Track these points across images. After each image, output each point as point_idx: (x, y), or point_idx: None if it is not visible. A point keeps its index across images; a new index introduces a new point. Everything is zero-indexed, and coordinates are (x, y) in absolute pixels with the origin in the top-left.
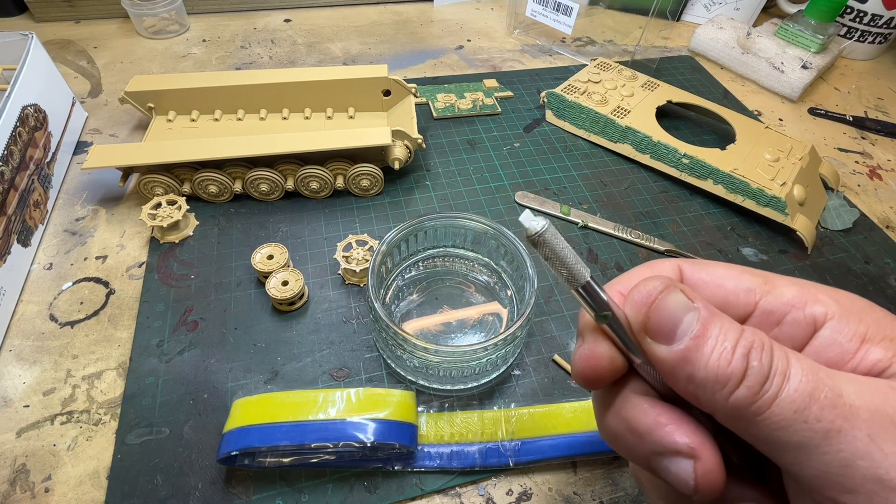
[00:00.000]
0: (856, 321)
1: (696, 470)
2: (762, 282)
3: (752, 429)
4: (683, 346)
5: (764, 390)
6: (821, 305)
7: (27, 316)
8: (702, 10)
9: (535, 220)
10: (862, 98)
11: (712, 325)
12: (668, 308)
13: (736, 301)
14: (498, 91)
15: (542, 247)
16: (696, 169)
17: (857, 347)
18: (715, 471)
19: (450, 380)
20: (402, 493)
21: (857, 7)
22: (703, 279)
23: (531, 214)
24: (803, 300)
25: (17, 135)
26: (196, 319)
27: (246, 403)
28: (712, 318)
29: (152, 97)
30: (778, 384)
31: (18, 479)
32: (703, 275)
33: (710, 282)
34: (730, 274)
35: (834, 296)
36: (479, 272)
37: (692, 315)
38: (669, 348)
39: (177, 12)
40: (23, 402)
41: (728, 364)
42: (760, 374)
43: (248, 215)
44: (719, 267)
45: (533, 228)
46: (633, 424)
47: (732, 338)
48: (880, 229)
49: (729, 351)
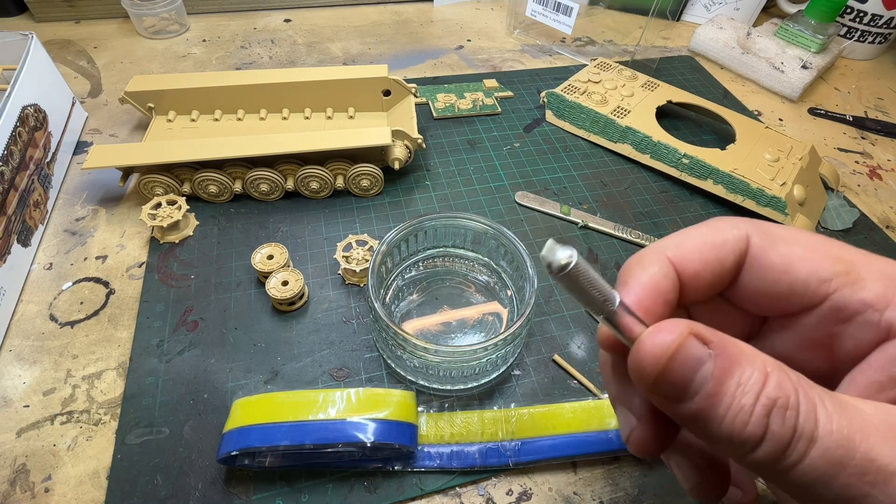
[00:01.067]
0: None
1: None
2: (843, 271)
3: (771, 478)
4: (695, 406)
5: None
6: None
7: (27, 316)
8: (702, 10)
9: (561, 250)
10: (862, 98)
11: (729, 380)
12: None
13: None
14: (498, 91)
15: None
16: (696, 169)
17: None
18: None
19: (450, 380)
20: (402, 493)
21: (857, 7)
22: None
23: (555, 244)
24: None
25: (17, 135)
26: (196, 319)
27: (246, 403)
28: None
29: (152, 97)
30: (801, 450)
31: (18, 479)
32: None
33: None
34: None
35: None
36: (479, 272)
37: (706, 368)
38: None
39: (177, 12)
40: (23, 402)
41: (744, 426)
42: (782, 440)
43: (248, 215)
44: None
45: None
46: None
47: (753, 392)
48: (880, 229)
49: (747, 411)
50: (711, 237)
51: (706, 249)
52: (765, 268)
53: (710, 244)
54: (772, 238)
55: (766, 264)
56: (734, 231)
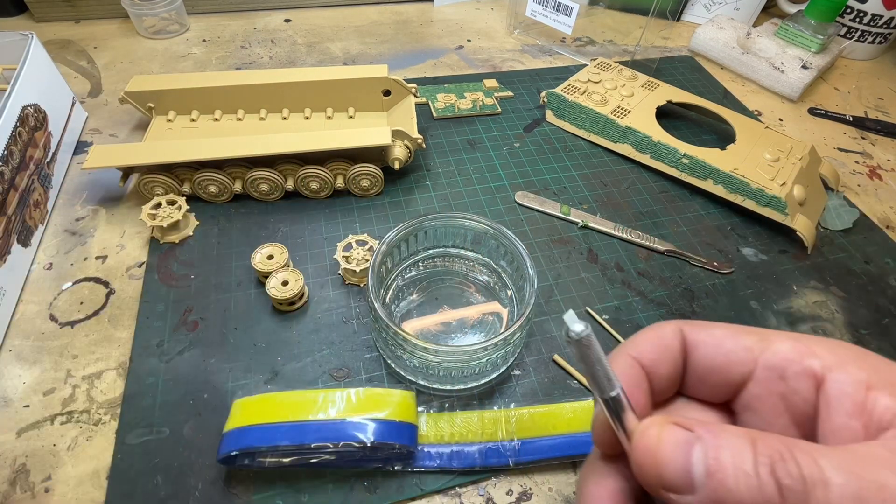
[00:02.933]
0: (854, 369)
1: None
2: (758, 339)
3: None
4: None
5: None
6: (817, 359)
7: (27, 316)
8: (702, 10)
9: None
10: (862, 98)
11: (722, 451)
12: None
13: (737, 359)
14: (498, 91)
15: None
16: (696, 169)
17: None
18: None
19: (450, 380)
20: (402, 493)
21: (857, 7)
22: (704, 339)
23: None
24: (799, 354)
25: (17, 135)
26: (196, 319)
27: (246, 403)
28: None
29: (152, 97)
30: (822, 496)
31: (18, 479)
32: (704, 335)
33: (710, 342)
34: (727, 333)
35: (828, 347)
36: (479, 272)
37: (698, 450)
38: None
39: (177, 12)
40: (23, 402)
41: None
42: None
43: (248, 215)
44: (717, 327)
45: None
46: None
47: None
48: (880, 229)
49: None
50: (656, 332)
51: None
52: (701, 345)
53: (657, 337)
54: (698, 325)
55: (701, 343)
56: (669, 326)
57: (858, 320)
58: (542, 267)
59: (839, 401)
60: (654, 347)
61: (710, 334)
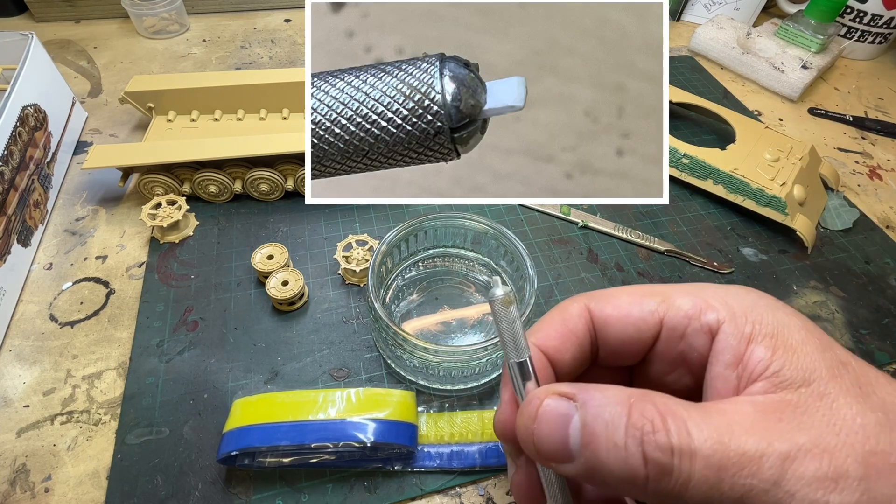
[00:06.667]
0: (742, 322)
1: None
2: (660, 300)
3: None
4: (583, 460)
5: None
6: (713, 312)
7: (27, 316)
8: (702, 10)
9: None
10: (862, 98)
11: (598, 423)
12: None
13: (645, 325)
14: None
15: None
16: (696, 169)
17: (745, 349)
18: None
19: (450, 380)
20: (402, 493)
21: (857, 7)
22: (611, 314)
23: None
24: (698, 310)
25: (17, 135)
26: (196, 319)
27: (246, 403)
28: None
29: (152, 97)
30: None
31: (18, 479)
32: (609, 309)
33: (616, 314)
34: (632, 300)
35: (725, 299)
36: (479, 272)
37: (576, 421)
38: (572, 465)
39: (177, 12)
40: (23, 402)
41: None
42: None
43: (248, 215)
44: (622, 295)
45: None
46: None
47: (621, 427)
48: (880, 229)
49: (621, 446)
50: (561, 316)
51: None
52: (609, 321)
53: (562, 322)
54: (603, 299)
55: (609, 318)
56: (575, 306)
57: (858, 320)
58: (542, 267)
59: (723, 353)
60: (557, 335)
61: (616, 306)
